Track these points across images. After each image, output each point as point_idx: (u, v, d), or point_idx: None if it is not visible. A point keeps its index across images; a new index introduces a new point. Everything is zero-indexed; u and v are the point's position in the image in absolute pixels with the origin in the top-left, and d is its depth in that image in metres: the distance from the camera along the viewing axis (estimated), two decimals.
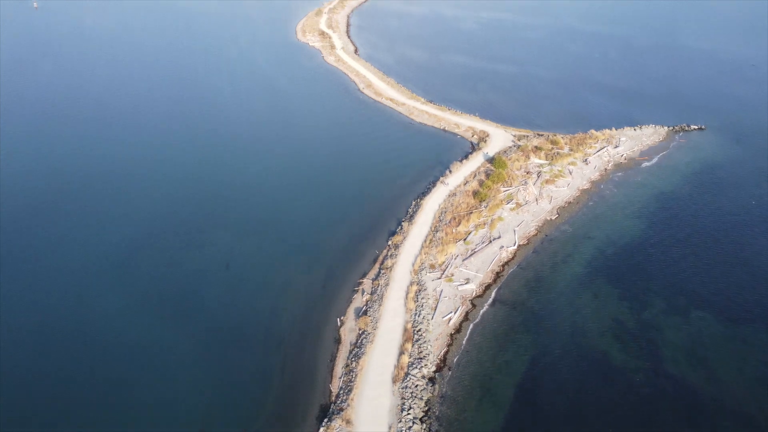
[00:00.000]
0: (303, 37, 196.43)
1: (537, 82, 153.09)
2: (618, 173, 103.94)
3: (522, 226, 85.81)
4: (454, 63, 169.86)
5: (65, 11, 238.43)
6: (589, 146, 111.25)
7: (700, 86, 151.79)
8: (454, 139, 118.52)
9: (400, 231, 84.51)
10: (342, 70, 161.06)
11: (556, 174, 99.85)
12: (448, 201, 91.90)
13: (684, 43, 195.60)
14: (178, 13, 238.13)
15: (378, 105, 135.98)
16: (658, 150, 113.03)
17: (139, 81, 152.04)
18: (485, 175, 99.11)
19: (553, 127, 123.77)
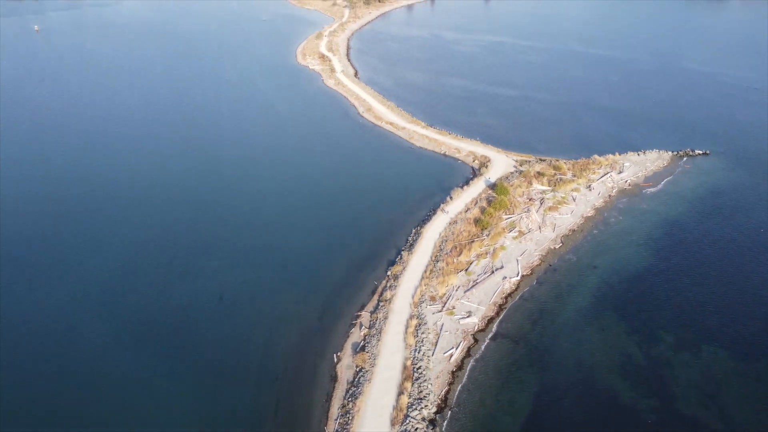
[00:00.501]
0: (303, 60, 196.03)
1: (538, 106, 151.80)
2: (622, 200, 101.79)
3: (525, 256, 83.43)
4: (455, 86, 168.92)
5: (66, 34, 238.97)
6: (593, 172, 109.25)
7: (703, 110, 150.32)
8: (454, 164, 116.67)
9: (399, 260, 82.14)
10: (342, 93, 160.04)
11: (560, 201, 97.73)
12: (448, 229, 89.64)
13: (686, 66, 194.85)
14: (178, 37, 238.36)
15: (378, 129, 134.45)
16: (663, 176, 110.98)
17: (136, 104, 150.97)
18: (487, 201, 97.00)
19: (555, 151, 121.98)
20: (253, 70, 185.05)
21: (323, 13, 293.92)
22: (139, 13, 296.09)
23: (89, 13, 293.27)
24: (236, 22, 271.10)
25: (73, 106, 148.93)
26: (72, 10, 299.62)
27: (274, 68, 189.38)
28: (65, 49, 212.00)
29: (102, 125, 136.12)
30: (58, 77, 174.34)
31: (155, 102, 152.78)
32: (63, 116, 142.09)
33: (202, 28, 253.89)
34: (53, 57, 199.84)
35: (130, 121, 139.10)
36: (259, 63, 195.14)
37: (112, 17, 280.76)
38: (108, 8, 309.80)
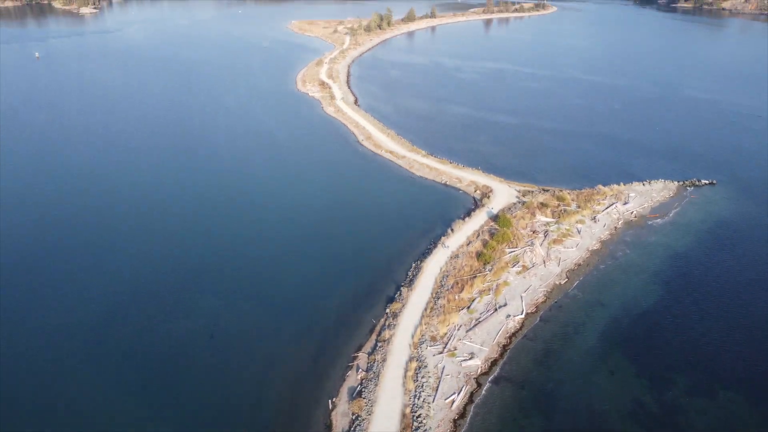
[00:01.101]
0: (303, 87, 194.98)
1: (540, 134, 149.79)
2: (629, 232, 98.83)
3: (529, 292, 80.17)
4: (456, 114, 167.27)
5: (66, 61, 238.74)
6: (597, 203, 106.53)
7: (707, 138, 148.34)
8: (455, 194, 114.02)
9: (398, 297, 78.89)
10: (341, 120, 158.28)
11: (564, 233, 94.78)
12: (450, 263, 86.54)
13: (687, 94, 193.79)
14: (179, 63, 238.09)
15: (377, 158, 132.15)
16: (670, 207, 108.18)
17: (132, 133, 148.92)
18: (489, 234, 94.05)
19: (558, 181, 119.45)
20: (253, 97, 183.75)
21: (324, 40, 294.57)
22: (140, 40, 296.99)
23: (91, 40, 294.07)
24: (238, 49, 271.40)
25: (68, 135, 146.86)
26: (74, 37, 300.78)
27: (273, 95, 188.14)
28: (65, 76, 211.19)
29: (97, 154, 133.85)
30: (55, 105, 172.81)
31: (152, 131, 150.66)
32: (57, 145, 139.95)
33: (204, 55, 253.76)
34: (52, 84, 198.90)
35: (125, 149, 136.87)
36: (259, 90, 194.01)
37: (113, 44, 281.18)
38: (110, 35, 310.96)
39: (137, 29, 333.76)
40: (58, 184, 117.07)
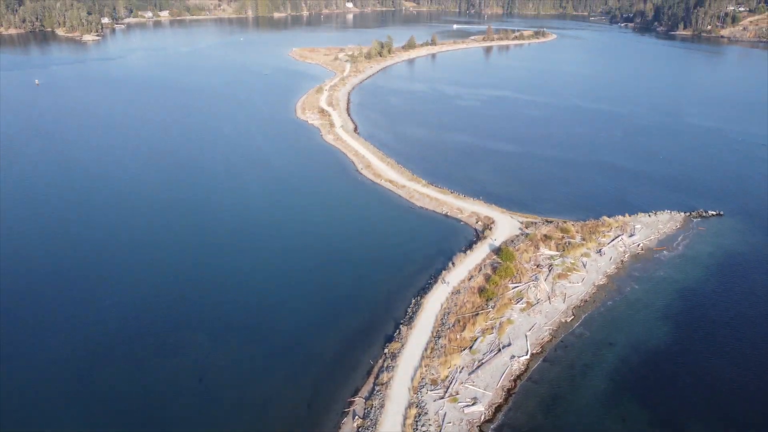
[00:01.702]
0: (302, 115, 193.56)
1: (542, 163, 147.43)
2: (636, 266, 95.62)
3: (534, 331, 76.72)
4: (456, 142, 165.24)
5: (66, 88, 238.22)
6: (603, 235, 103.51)
7: (711, 167, 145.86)
8: (456, 225, 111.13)
9: (397, 336, 75.46)
10: (340, 149, 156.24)
11: (569, 267, 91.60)
12: (451, 300, 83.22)
13: (689, 121, 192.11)
14: (179, 91, 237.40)
15: (377, 187, 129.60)
16: (677, 239, 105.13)
17: (128, 161, 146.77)
18: (491, 268, 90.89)
19: (561, 212, 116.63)
20: (252, 125, 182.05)
21: (325, 67, 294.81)
22: (141, 67, 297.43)
23: (92, 67, 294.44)
24: (238, 76, 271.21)
25: (62, 163, 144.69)
26: (76, 64, 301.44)
27: (272, 123, 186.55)
28: (63, 103, 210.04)
29: (89, 182, 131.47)
30: (51, 132, 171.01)
31: (147, 159, 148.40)
32: (49, 173, 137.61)
33: (204, 83, 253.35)
34: (50, 111, 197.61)
35: (119, 177, 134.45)
36: (258, 117, 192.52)
37: (114, 71, 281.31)
38: (111, 62, 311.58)
39: (139, 56, 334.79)
40: (48, 213, 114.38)
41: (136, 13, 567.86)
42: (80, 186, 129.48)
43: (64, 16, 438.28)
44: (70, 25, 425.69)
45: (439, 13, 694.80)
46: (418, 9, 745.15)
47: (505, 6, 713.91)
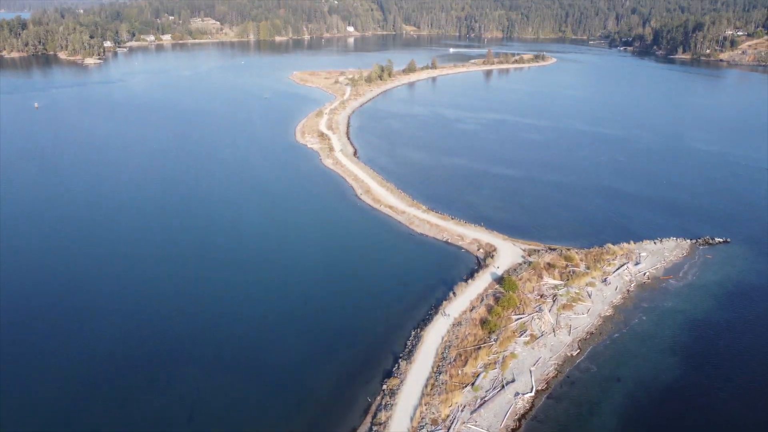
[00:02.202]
0: (302, 139, 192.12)
1: (544, 188, 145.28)
2: (643, 296, 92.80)
3: (539, 366, 73.71)
4: (457, 166, 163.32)
5: (64, 111, 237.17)
6: (608, 263, 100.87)
7: (715, 193, 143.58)
8: (457, 253, 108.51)
9: (396, 371, 72.45)
10: (339, 173, 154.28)
11: (574, 297, 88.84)
12: (452, 332, 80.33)
13: (692, 145, 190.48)
14: (179, 115, 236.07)
15: (376, 213, 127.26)
16: (684, 267, 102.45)
17: (125, 185, 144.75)
18: (494, 299, 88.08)
19: (565, 239, 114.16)
20: (251, 149, 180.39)
21: (325, 90, 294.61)
22: (141, 90, 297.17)
23: (92, 90, 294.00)
24: (239, 100, 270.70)
25: (57, 189, 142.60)
26: (76, 87, 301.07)
27: (271, 147, 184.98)
28: (61, 126, 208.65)
29: (83, 208, 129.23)
30: (48, 156, 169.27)
31: (144, 183, 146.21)
32: (42, 201, 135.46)
33: (204, 106, 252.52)
34: (47, 134, 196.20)
35: (114, 203, 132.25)
36: (257, 141, 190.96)
37: (114, 94, 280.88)
38: (112, 85, 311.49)
39: (139, 80, 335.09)
40: (39, 242, 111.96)
41: (139, 37, 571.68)
42: (73, 212, 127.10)
43: (66, 39, 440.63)
44: (72, 49, 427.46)
45: (439, 37, 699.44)
46: (419, 33, 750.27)
47: (505, 30, 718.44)
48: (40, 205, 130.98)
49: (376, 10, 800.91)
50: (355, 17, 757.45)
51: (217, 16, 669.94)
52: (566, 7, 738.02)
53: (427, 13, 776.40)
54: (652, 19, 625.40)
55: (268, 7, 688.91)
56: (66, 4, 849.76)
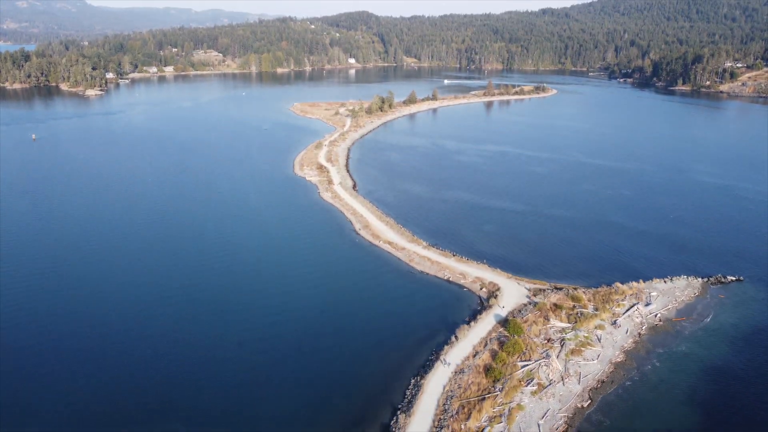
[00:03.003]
0: (300, 171, 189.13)
1: (548, 223, 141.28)
2: (655, 339, 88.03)
3: (548, 419, 68.69)
4: (458, 200, 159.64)
5: (62, 143, 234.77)
6: (617, 304, 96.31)
7: (724, 227, 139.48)
8: (459, 292, 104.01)
9: (394, 425, 67.49)
10: (338, 207, 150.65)
11: (583, 342, 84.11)
12: (454, 380, 75.49)
13: (697, 178, 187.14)
14: (177, 146, 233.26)
15: (375, 249, 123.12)
16: (697, 308, 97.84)
17: (118, 219, 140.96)
18: (498, 343, 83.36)
19: (571, 277, 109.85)
20: (248, 182, 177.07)
21: (325, 122, 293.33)
22: (141, 121, 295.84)
23: (91, 122, 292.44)
24: (238, 131, 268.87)
25: (48, 223, 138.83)
26: (75, 119, 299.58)
27: (269, 179, 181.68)
28: (57, 158, 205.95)
29: (72, 246, 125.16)
30: (41, 190, 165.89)
31: (137, 217, 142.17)
32: (32, 236, 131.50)
33: (203, 138, 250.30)
34: (44, 167, 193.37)
35: (106, 237, 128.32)
36: (255, 174, 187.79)
37: (113, 126, 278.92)
38: (112, 117, 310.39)
39: (139, 111, 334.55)
40: (26, 281, 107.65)
41: (141, 69, 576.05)
42: (59, 250, 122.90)
43: (68, 71, 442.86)
44: (73, 80, 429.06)
45: (439, 69, 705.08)
46: (419, 65, 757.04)
47: (505, 62, 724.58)
48: (26, 242, 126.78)
49: (377, 42, 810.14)
50: (357, 49, 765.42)
51: (219, 48, 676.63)
52: (565, 39, 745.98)
53: (427, 46, 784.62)
54: (650, 51, 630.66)
55: (271, 39, 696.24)
56: (71, 37, 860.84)
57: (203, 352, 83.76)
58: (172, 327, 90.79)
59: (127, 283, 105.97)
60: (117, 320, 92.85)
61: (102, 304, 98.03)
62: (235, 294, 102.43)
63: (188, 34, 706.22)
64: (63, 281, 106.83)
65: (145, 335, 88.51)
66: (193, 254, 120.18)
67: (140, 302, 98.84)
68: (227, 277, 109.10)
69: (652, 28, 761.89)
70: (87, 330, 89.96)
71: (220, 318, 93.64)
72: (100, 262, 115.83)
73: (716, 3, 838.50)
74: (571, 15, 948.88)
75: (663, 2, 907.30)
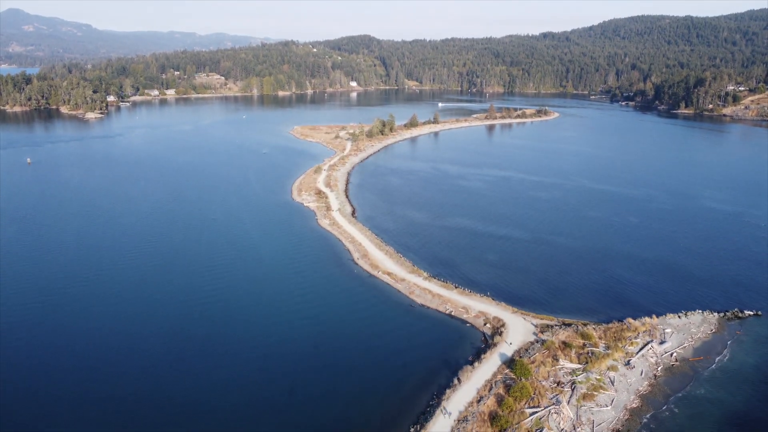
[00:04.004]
0: (298, 197, 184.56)
1: (553, 252, 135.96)
2: (672, 382, 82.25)
3: None
4: (461, 228, 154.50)
5: (57, 167, 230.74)
6: (629, 342, 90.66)
7: (738, 257, 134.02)
8: (462, 328, 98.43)
9: None
10: (336, 235, 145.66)
11: (595, 385, 78.37)
12: (456, 430, 69.55)
13: (706, 205, 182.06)
14: (173, 171, 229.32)
15: (374, 281, 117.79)
16: (714, 346, 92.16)
17: (106, 250, 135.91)
18: (504, 387, 77.63)
19: (579, 311, 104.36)
20: (243, 209, 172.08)
21: (325, 145, 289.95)
22: (139, 145, 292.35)
23: (89, 145, 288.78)
24: (236, 155, 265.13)
25: (36, 252, 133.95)
26: (72, 142, 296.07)
27: (265, 206, 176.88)
28: (50, 183, 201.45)
29: (55, 277, 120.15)
30: (31, 216, 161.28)
31: (123, 250, 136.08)
32: (22, 264, 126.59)
33: (200, 162, 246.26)
34: (35, 193, 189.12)
35: (87, 276, 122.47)
36: (251, 200, 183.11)
37: (110, 150, 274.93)
38: (110, 140, 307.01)
39: (138, 134, 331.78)
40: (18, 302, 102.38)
41: (143, 92, 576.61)
42: (43, 282, 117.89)
43: (69, 94, 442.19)
44: (74, 103, 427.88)
45: (441, 92, 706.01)
46: (421, 88, 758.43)
47: (506, 85, 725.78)
48: (12, 271, 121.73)
49: (379, 65, 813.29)
50: (358, 72, 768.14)
51: (221, 71, 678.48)
52: (566, 62, 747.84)
53: (429, 69, 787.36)
54: (652, 74, 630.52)
55: (273, 62, 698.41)
56: (75, 60, 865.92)
57: (188, 398, 78.11)
58: (155, 368, 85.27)
59: (110, 318, 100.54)
60: (96, 356, 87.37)
61: (81, 339, 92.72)
62: (224, 328, 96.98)
63: (191, 58, 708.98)
64: (47, 314, 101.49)
65: (127, 373, 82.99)
66: (181, 286, 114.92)
67: (123, 338, 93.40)
68: (216, 310, 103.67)
69: (653, 51, 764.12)
70: (69, 363, 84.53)
71: (208, 356, 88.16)
72: (85, 295, 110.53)
73: (716, 27, 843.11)
74: (571, 39, 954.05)
75: (663, 26, 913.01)
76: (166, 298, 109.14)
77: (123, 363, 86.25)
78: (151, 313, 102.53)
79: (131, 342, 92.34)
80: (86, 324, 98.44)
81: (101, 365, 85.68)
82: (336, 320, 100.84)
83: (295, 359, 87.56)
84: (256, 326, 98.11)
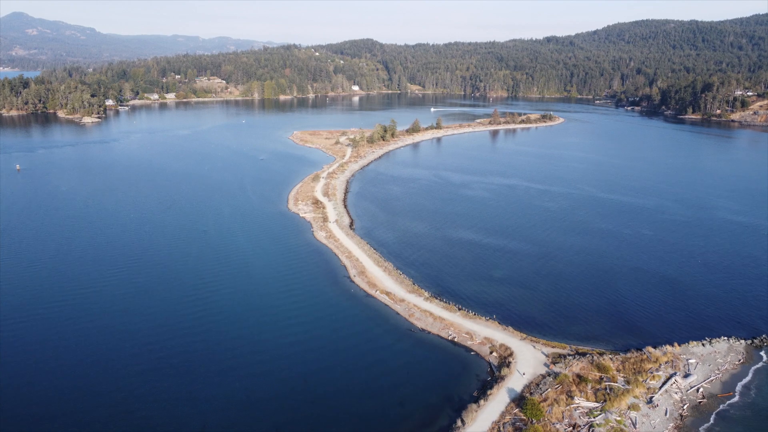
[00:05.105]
0: (294, 206, 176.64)
1: (563, 268, 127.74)
2: (700, 423, 73.94)
3: None
4: (464, 241, 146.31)
5: (47, 174, 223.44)
6: (651, 375, 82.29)
7: (758, 273, 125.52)
8: (466, 357, 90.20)
9: None
10: (332, 249, 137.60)
11: (615, 428, 70.04)
12: None
13: (720, 216, 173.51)
14: (167, 178, 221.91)
15: (371, 301, 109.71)
16: (743, 379, 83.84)
17: (90, 264, 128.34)
18: (513, 429, 69.34)
19: (594, 338, 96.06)
20: (236, 220, 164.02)
21: (325, 151, 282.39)
22: (134, 151, 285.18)
23: (82, 151, 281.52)
24: (233, 162, 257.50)
25: (16, 266, 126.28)
26: (67, 147, 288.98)
27: (259, 216, 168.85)
28: (38, 191, 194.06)
29: (42, 290, 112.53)
30: (12, 227, 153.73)
31: (111, 261, 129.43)
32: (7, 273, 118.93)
33: (195, 169, 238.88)
34: (21, 201, 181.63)
35: (75, 287, 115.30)
36: (245, 210, 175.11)
37: (104, 156, 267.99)
38: (105, 145, 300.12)
39: (134, 139, 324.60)
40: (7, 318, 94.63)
41: (143, 95, 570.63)
42: (23, 298, 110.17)
43: (66, 98, 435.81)
44: (71, 107, 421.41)
45: (444, 96, 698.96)
46: (424, 92, 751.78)
47: (510, 89, 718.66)
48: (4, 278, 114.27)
49: (381, 69, 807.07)
50: (361, 77, 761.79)
51: (223, 75, 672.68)
52: (571, 67, 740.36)
53: (431, 73, 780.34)
54: (657, 79, 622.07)
55: (274, 66, 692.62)
56: (78, 64, 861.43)
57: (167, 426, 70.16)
58: (135, 400, 77.21)
59: (81, 345, 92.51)
60: (71, 379, 79.41)
61: (64, 358, 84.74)
62: (206, 354, 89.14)
63: (192, 61, 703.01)
64: (28, 328, 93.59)
65: (108, 409, 74.97)
66: (166, 304, 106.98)
67: (100, 370, 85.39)
68: (199, 333, 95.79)
69: (659, 56, 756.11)
70: (47, 381, 76.57)
71: (188, 386, 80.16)
72: (66, 308, 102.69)
73: (722, 31, 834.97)
74: (575, 43, 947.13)
75: (668, 30, 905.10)
76: (144, 320, 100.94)
77: (88, 397, 78.22)
78: (127, 337, 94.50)
79: (102, 373, 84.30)
80: (61, 341, 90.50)
81: (71, 390, 77.67)
82: (328, 347, 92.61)
83: (282, 395, 79.57)
84: (240, 356, 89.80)
